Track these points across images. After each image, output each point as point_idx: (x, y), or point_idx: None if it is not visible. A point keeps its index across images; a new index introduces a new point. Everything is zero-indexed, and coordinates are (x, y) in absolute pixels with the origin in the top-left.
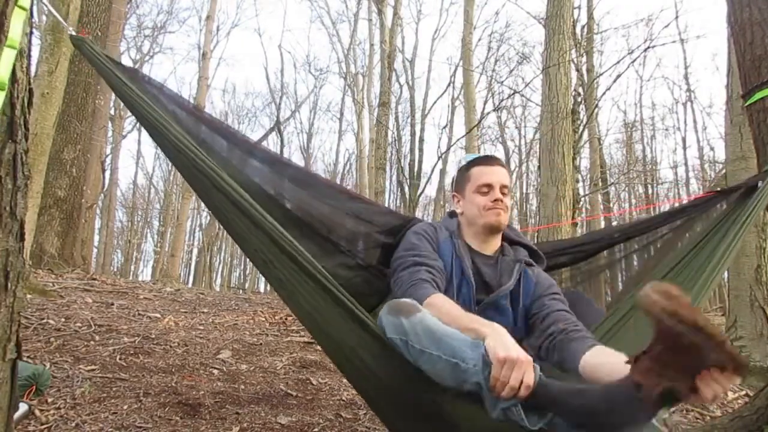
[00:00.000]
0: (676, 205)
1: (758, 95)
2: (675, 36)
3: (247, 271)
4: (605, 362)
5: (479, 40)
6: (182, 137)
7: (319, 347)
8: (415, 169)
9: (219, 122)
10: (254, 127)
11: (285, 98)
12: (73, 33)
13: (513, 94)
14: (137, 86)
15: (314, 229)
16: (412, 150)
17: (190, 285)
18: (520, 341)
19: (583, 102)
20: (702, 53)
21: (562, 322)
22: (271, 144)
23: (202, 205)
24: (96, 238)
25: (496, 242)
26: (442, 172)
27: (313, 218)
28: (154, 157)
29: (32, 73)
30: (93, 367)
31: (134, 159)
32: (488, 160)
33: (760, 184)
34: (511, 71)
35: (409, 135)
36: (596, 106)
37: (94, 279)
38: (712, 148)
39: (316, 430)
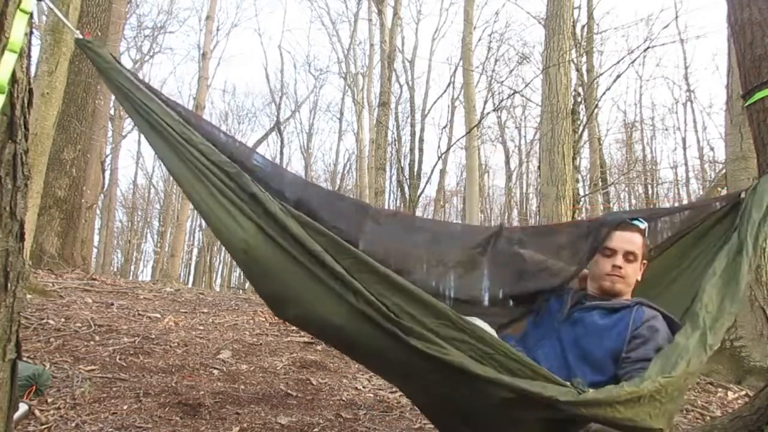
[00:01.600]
0: (676, 205)
1: (758, 95)
2: (675, 36)
3: None
4: None
5: (479, 40)
6: (189, 145)
7: (318, 347)
8: (415, 169)
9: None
10: (254, 127)
11: (285, 98)
12: (79, 36)
13: (513, 94)
14: (142, 93)
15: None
16: (412, 150)
17: (190, 285)
18: None
19: (583, 102)
20: (702, 53)
21: None
22: (271, 144)
23: None
24: (96, 238)
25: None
26: (442, 172)
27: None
28: (154, 157)
29: (32, 73)
30: (93, 367)
31: (134, 159)
32: (622, 225)
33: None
34: (511, 71)
35: (409, 135)
36: (596, 106)
37: (94, 279)
38: (712, 148)
39: (316, 430)
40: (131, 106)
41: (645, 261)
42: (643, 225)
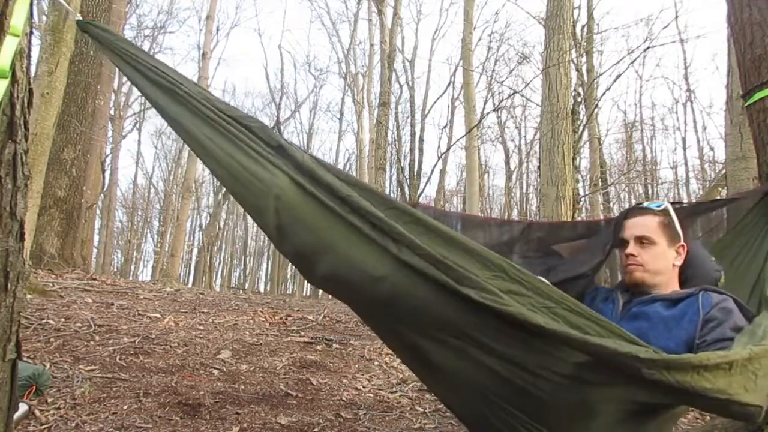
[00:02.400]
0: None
1: (758, 95)
2: (675, 36)
3: (247, 272)
4: None
5: (479, 40)
6: (208, 102)
7: (318, 347)
8: (415, 169)
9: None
10: None
11: (285, 98)
12: (79, 17)
13: (513, 94)
14: (152, 59)
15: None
16: (412, 150)
17: (190, 285)
18: None
19: (583, 102)
20: (702, 53)
21: None
22: None
23: (202, 204)
24: (96, 238)
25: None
26: (442, 172)
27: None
28: (154, 157)
29: (32, 73)
30: (93, 367)
31: (134, 159)
32: (630, 212)
33: None
34: (511, 71)
35: (409, 135)
36: (596, 106)
37: (94, 279)
38: (712, 148)
39: (316, 430)
40: (141, 74)
41: (682, 243)
42: (660, 206)
